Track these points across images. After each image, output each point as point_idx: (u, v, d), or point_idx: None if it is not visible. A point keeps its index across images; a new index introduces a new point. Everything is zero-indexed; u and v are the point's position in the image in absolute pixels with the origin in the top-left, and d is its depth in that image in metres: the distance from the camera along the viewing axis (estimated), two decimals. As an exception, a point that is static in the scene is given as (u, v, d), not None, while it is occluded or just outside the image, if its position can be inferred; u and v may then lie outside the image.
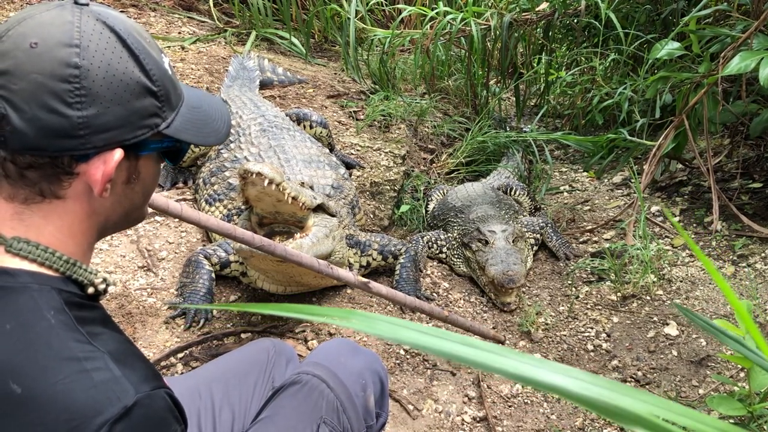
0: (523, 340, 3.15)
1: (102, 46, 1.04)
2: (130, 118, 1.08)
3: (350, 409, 1.74)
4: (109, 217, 1.16)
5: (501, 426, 2.60)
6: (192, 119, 1.21)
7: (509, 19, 5.15)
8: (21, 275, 1.03)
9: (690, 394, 2.72)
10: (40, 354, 0.95)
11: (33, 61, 0.99)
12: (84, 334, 1.00)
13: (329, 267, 2.44)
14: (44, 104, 0.99)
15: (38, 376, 0.93)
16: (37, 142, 1.00)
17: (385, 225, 4.11)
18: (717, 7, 3.83)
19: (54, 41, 1.01)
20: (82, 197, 1.09)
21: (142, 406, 0.97)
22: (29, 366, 0.94)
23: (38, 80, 0.99)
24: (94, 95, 1.03)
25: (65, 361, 0.96)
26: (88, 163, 1.06)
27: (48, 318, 0.99)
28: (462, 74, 6.01)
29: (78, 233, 1.12)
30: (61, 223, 1.09)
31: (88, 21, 1.05)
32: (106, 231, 1.20)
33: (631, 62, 5.06)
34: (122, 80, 1.06)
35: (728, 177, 4.29)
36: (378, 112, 4.93)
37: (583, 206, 4.62)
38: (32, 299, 1.01)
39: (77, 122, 1.02)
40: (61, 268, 1.07)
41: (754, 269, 3.37)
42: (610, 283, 3.50)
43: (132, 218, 1.24)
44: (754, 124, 3.57)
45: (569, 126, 5.63)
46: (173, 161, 1.27)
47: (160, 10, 6.34)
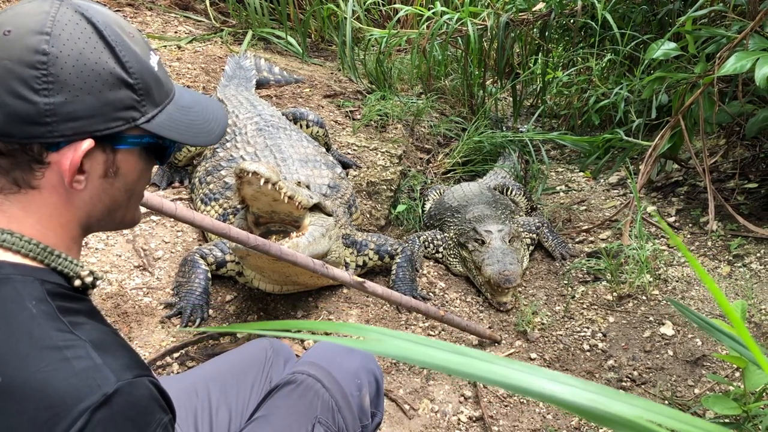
0: (519, 340, 3.15)
1: (75, 36, 1.05)
2: (102, 109, 1.07)
3: (345, 408, 1.74)
4: (90, 212, 1.15)
5: (497, 425, 2.60)
6: (180, 118, 1.20)
7: (506, 19, 5.16)
8: (3, 266, 1.03)
9: (686, 393, 2.73)
10: (21, 343, 0.95)
11: (4, 47, 1.01)
12: (66, 323, 1.01)
13: (324, 267, 2.44)
14: (12, 90, 1.00)
15: (19, 365, 0.94)
16: (5, 128, 1.01)
17: (381, 225, 4.11)
18: (713, 8, 3.84)
19: (26, 29, 1.02)
20: (58, 189, 1.09)
21: (123, 393, 0.96)
22: (10, 355, 0.94)
23: (7, 66, 1.00)
24: (62, 83, 1.03)
25: (46, 350, 0.96)
26: (59, 152, 1.06)
27: (29, 308, 0.99)
28: (459, 74, 6.02)
29: (58, 226, 1.11)
30: (41, 215, 1.09)
31: (66, 12, 1.06)
32: (90, 227, 1.19)
33: (628, 62, 5.07)
34: (94, 70, 1.06)
35: (724, 177, 4.30)
36: (375, 111, 4.93)
37: (580, 206, 4.63)
38: (14, 290, 1.01)
39: (44, 109, 1.02)
40: (45, 260, 1.08)
41: (750, 269, 3.38)
42: (606, 283, 3.51)
43: (118, 217, 1.23)
44: (750, 124, 3.58)
45: (566, 126, 5.64)
46: (159, 160, 1.25)
47: (156, 9, 6.33)
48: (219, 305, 3.11)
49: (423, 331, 3.11)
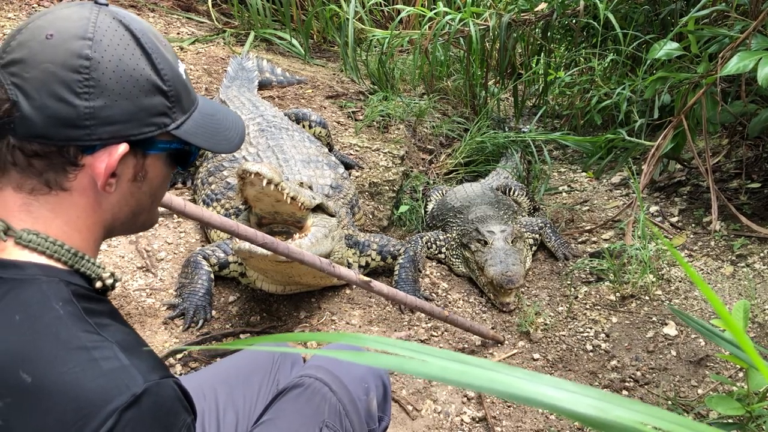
0: (522, 341, 3.15)
1: (115, 42, 1.07)
2: (137, 114, 1.10)
3: (353, 412, 1.73)
4: (116, 215, 1.17)
5: (500, 426, 2.60)
6: (204, 125, 1.23)
7: (508, 19, 5.16)
8: (29, 267, 1.04)
9: (689, 394, 2.72)
10: (49, 344, 0.96)
11: (47, 51, 1.03)
12: (92, 325, 1.02)
13: (331, 265, 2.44)
14: (53, 93, 1.02)
15: (48, 366, 0.94)
16: (44, 130, 1.03)
17: (384, 225, 4.11)
18: (715, 8, 3.83)
19: (69, 34, 1.04)
20: (88, 191, 1.11)
21: (151, 394, 0.97)
22: (39, 356, 0.95)
23: (50, 69, 1.02)
24: (102, 87, 1.05)
25: (74, 351, 0.97)
26: (94, 155, 1.08)
27: (56, 309, 1.00)
28: (461, 75, 6.01)
29: (84, 228, 1.12)
30: (68, 216, 1.10)
31: (104, 18, 1.08)
32: (113, 230, 1.20)
33: (630, 62, 5.06)
34: (132, 76, 1.08)
35: (727, 177, 4.29)
36: (377, 112, 4.93)
37: (582, 206, 4.62)
38: (40, 291, 1.02)
39: (84, 112, 1.04)
40: (69, 261, 1.08)
41: (753, 269, 3.37)
42: (609, 283, 3.50)
43: (140, 220, 1.25)
44: (753, 124, 3.57)
45: (568, 126, 5.63)
46: (182, 165, 1.28)
47: (158, 10, 6.33)
48: (222, 306, 3.12)
49: (426, 332, 3.11)
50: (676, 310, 1.55)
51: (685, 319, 1.48)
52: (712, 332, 1.44)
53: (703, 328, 1.45)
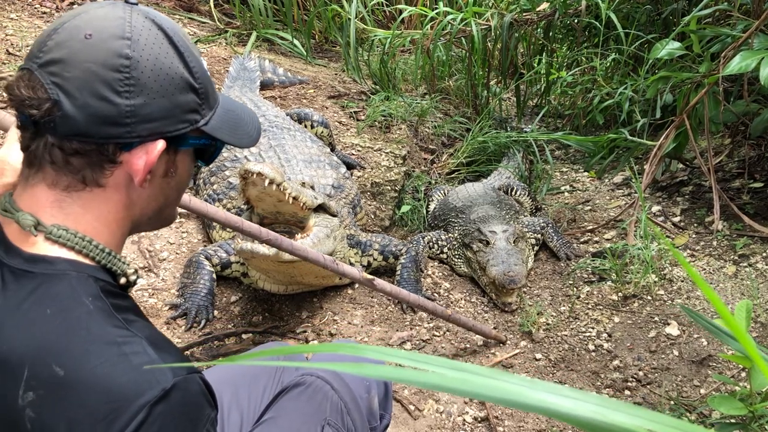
0: (524, 341, 3.15)
1: (150, 41, 1.09)
2: (173, 111, 1.12)
3: (354, 410, 1.74)
4: (144, 210, 1.19)
5: (502, 426, 2.60)
6: (227, 120, 1.25)
7: (510, 19, 5.15)
8: (59, 263, 1.06)
9: (691, 394, 2.72)
10: (81, 338, 0.98)
11: (87, 51, 1.04)
12: (121, 320, 1.04)
13: (335, 263, 2.44)
14: (95, 92, 1.04)
15: (80, 360, 0.96)
16: (86, 129, 1.04)
17: (386, 225, 4.11)
18: (717, 7, 3.83)
19: (107, 33, 1.06)
20: (121, 187, 1.12)
21: (179, 389, 0.99)
22: (71, 350, 0.97)
23: (91, 69, 1.04)
24: (142, 86, 1.07)
25: (105, 345, 0.99)
26: (131, 152, 1.10)
27: (86, 304, 1.02)
28: (462, 74, 6.01)
29: (113, 223, 1.14)
30: (99, 212, 1.12)
31: (138, 17, 1.10)
32: (139, 226, 1.22)
33: (632, 62, 5.06)
34: (168, 74, 1.10)
35: (729, 177, 4.28)
36: (379, 112, 4.93)
37: (584, 206, 4.62)
38: (71, 286, 1.03)
39: (125, 110, 1.06)
40: (96, 257, 1.10)
41: (756, 269, 3.36)
42: (611, 283, 3.50)
43: (164, 216, 1.27)
44: (755, 123, 3.56)
45: (570, 126, 5.63)
46: (207, 161, 1.30)
47: (160, 10, 6.33)
48: (224, 306, 3.12)
49: (428, 332, 3.11)
50: (686, 308, 1.55)
51: (694, 316, 1.48)
52: (719, 330, 1.44)
53: (711, 326, 1.45)
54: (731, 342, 1.40)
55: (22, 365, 0.96)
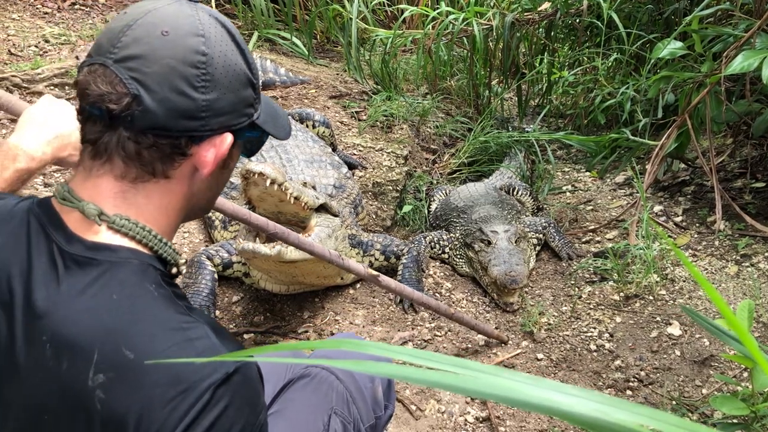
0: (526, 340, 3.15)
1: (219, 38, 1.14)
2: (237, 106, 1.17)
3: (359, 399, 1.77)
4: (199, 200, 1.23)
5: (504, 426, 2.60)
6: (269, 113, 1.30)
7: (511, 19, 5.15)
8: (122, 251, 1.09)
9: (693, 394, 2.72)
10: (148, 323, 1.02)
11: (166, 47, 1.07)
12: (183, 307, 1.09)
13: (341, 258, 2.44)
14: (174, 87, 1.07)
15: (148, 344, 1.00)
16: (164, 122, 1.08)
17: (387, 225, 4.11)
18: (719, 7, 3.82)
19: (183, 31, 1.10)
20: (185, 179, 1.16)
21: (240, 373, 1.03)
22: (139, 334, 1.01)
23: (171, 64, 1.07)
24: (215, 81, 1.12)
25: (171, 331, 1.03)
26: (200, 145, 1.14)
27: (151, 290, 1.07)
28: (464, 74, 6.01)
29: (172, 214, 1.18)
30: (161, 202, 1.15)
31: (203, 15, 1.14)
32: (189, 215, 1.26)
33: (634, 62, 5.05)
34: (234, 70, 1.15)
35: (731, 176, 4.28)
36: (380, 112, 4.93)
37: (586, 206, 4.62)
38: (135, 273, 1.07)
39: (201, 105, 1.10)
40: (154, 246, 1.14)
41: (758, 269, 3.36)
42: (612, 283, 3.50)
43: (209, 206, 1.32)
44: (757, 123, 3.56)
45: (571, 126, 5.62)
46: (251, 153, 1.35)
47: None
48: (225, 306, 3.12)
49: (429, 332, 3.11)
50: (687, 309, 1.55)
51: (696, 317, 1.48)
52: (721, 330, 1.44)
53: (713, 327, 1.45)
54: (733, 342, 1.40)
55: (92, 348, 0.99)
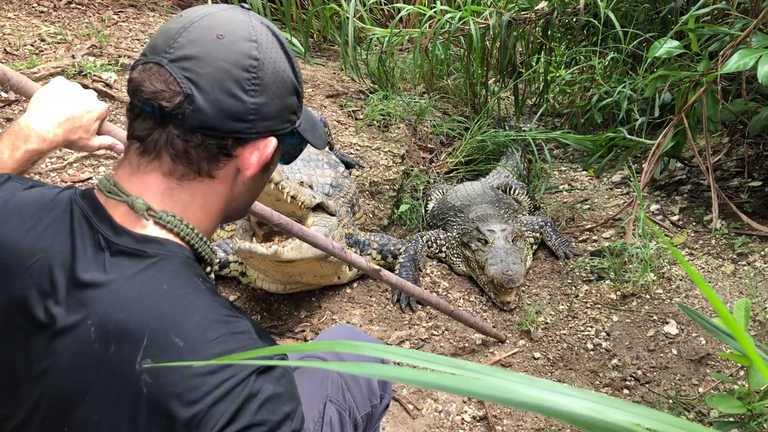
0: (523, 339, 3.15)
1: (269, 45, 1.18)
2: (282, 112, 1.20)
3: (354, 387, 1.79)
4: (238, 202, 1.27)
5: (501, 425, 2.60)
6: (309, 122, 1.34)
7: (508, 17, 5.15)
8: (170, 245, 1.13)
9: (690, 392, 2.72)
10: (198, 314, 1.05)
11: (221, 50, 1.11)
12: (226, 301, 1.13)
13: (343, 251, 2.44)
14: (226, 89, 1.11)
15: (197, 333, 1.03)
16: (213, 122, 1.11)
17: (384, 224, 4.11)
18: (716, 6, 3.82)
19: (237, 36, 1.13)
20: (228, 180, 1.20)
21: (280, 368, 1.07)
22: (189, 323, 1.04)
23: (224, 67, 1.11)
24: (264, 86, 1.15)
25: (218, 323, 1.06)
26: (245, 147, 1.17)
27: (198, 283, 1.11)
28: (461, 73, 6.01)
29: (213, 214, 1.22)
30: (204, 202, 1.19)
31: (256, 23, 1.18)
32: (226, 218, 1.29)
33: (630, 61, 5.06)
34: (282, 77, 1.19)
35: (727, 175, 4.29)
36: (377, 111, 4.93)
37: (583, 205, 4.62)
38: (183, 266, 1.12)
39: (250, 108, 1.14)
40: (195, 244, 1.18)
41: (754, 267, 3.37)
42: (609, 281, 3.50)
43: (246, 210, 1.35)
44: (754, 122, 3.56)
45: (568, 125, 5.63)
46: (288, 160, 1.38)
47: (158, 10, 6.34)
48: (222, 305, 3.11)
49: (426, 331, 3.11)
50: (684, 307, 1.55)
51: (693, 315, 1.48)
52: (718, 329, 1.44)
53: (710, 325, 1.45)
54: (730, 341, 1.40)
55: (141, 334, 1.01)
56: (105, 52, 4.68)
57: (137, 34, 5.40)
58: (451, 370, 0.57)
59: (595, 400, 0.55)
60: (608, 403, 0.56)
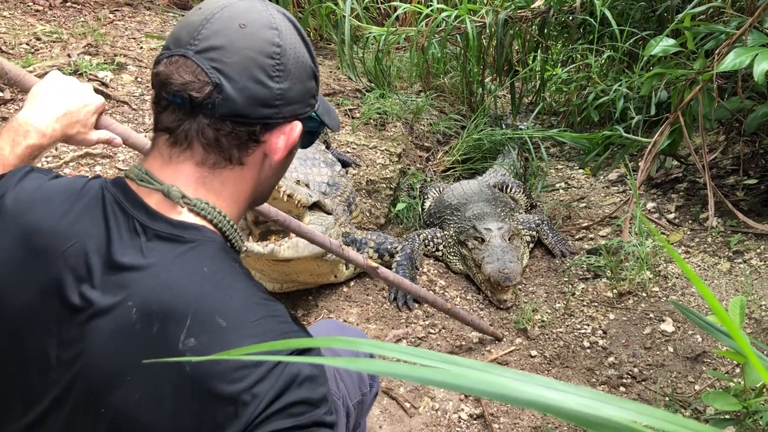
0: (520, 338, 3.15)
1: (289, 32, 1.20)
2: (304, 96, 1.23)
3: (346, 377, 1.82)
4: (264, 187, 1.30)
5: (497, 423, 2.60)
6: (324, 106, 1.37)
7: (504, 16, 5.15)
8: (205, 231, 1.15)
9: (686, 390, 2.73)
10: (239, 296, 1.08)
11: (245, 39, 1.14)
12: (262, 286, 1.16)
13: (340, 247, 2.43)
14: (253, 76, 1.13)
15: (239, 314, 1.06)
16: (243, 110, 1.13)
17: (381, 223, 4.11)
18: (711, 4, 3.83)
19: (259, 24, 1.16)
20: (256, 165, 1.22)
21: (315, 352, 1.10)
22: (230, 305, 1.06)
23: (249, 55, 1.13)
24: (288, 72, 1.18)
25: (257, 305, 1.09)
26: (272, 132, 1.20)
27: (236, 268, 1.13)
28: (458, 72, 6.01)
29: (242, 201, 1.24)
30: (234, 189, 1.21)
31: (273, 11, 1.21)
32: (252, 204, 1.32)
33: (627, 59, 5.06)
34: (302, 62, 1.22)
35: (724, 173, 4.30)
36: (374, 110, 4.93)
37: (579, 203, 4.63)
38: (220, 251, 1.14)
39: (276, 93, 1.16)
40: (226, 231, 1.20)
41: (750, 265, 3.38)
42: (606, 279, 3.51)
43: (269, 194, 1.37)
44: (749, 120, 3.57)
45: (565, 123, 5.63)
46: (306, 144, 1.39)
47: (155, 8, 6.32)
48: (219, 304, 3.11)
49: (423, 329, 3.11)
50: (679, 305, 1.55)
51: (687, 313, 1.48)
52: (714, 327, 1.44)
53: (705, 323, 1.46)
54: (725, 338, 1.40)
55: (185, 314, 1.03)
56: (101, 51, 4.67)
57: (133, 33, 5.39)
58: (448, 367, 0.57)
59: (590, 396, 0.56)
60: (604, 399, 0.56)
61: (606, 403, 0.55)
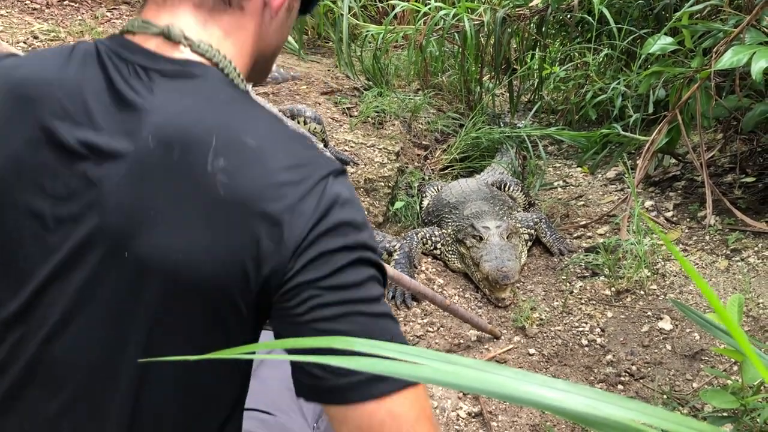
0: (518, 336, 3.16)
1: None
2: None
3: None
4: (266, 48, 1.21)
5: (496, 421, 2.60)
6: None
7: (502, 14, 5.15)
8: (212, 69, 1.08)
9: (684, 387, 2.73)
10: (260, 118, 1.03)
11: None
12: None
13: None
14: None
15: (269, 134, 1.01)
16: None
17: (379, 222, 4.11)
18: (709, 2, 3.83)
19: None
20: (257, 15, 1.15)
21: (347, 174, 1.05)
22: (256, 125, 1.01)
23: None
24: None
25: (283, 125, 1.04)
26: None
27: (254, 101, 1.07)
28: (456, 70, 6.01)
29: (246, 55, 1.16)
30: (236, 39, 1.13)
31: None
32: (256, 65, 1.23)
33: (624, 57, 5.07)
34: None
35: (721, 171, 4.30)
36: (372, 108, 4.92)
37: (577, 201, 4.63)
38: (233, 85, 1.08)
39: None
40: (234, 79, 1.12)
41: (747, 263, 3.38)
42: (604, 278, 3.51)
43: (272, 59, 1.29)
44: (747, 118, 3.57)
45: (563, 121, 5.63)
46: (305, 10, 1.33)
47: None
48: (217, 303, 3.11)
49: (421, 328, 3.11)
50: (677, 303, 1.55)
51: (686, 311, 1.48)
52: (712, 325, 1.44)
53: (703, 320, 1.46)
54: (723, 336, 1.40)
55: (209, 135, 0.95)
56: (98, 50, 4.65)
57: (130, 31, 5.37)
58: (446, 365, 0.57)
59: (589, 394, 0.56)
60: (602, 397, 0.56)
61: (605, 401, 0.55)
